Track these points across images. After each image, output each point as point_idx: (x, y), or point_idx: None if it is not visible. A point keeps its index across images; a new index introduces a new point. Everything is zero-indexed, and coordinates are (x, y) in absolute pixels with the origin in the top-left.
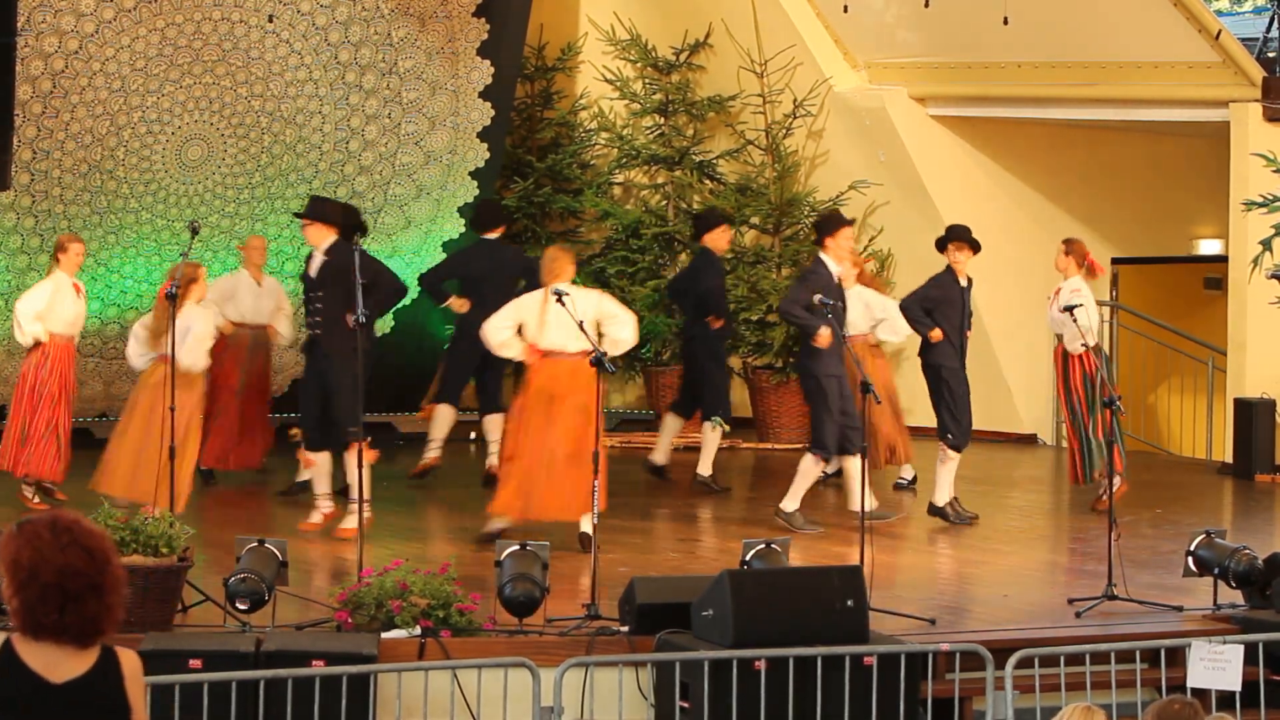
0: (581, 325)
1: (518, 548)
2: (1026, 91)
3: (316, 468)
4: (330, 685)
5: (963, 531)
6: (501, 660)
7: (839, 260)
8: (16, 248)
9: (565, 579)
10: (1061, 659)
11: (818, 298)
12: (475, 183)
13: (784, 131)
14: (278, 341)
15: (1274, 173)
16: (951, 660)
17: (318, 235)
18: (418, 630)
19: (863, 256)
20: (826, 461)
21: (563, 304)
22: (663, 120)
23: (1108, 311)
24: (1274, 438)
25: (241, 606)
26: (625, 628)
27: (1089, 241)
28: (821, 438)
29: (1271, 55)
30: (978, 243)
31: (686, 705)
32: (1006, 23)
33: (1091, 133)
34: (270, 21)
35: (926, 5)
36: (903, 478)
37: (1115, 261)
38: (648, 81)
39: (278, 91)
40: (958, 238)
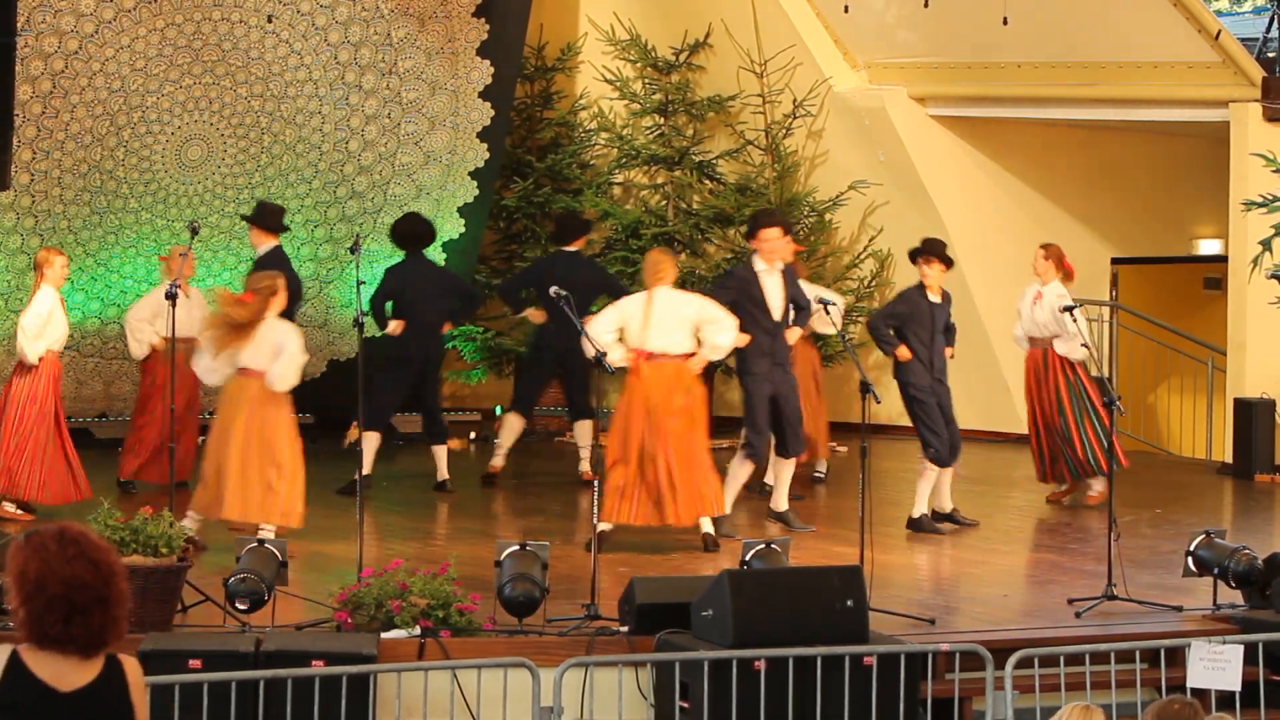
0: (583, 328)
1: (517, 548)
2: (1026, 91)
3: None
4: (330, 685)
5: (963, 531)
6: (501, 660)
7: (769, 260)
8: (16, 248)
9: (565, 579)
10: (1061, 659)
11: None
12: (475, 183)
13: (784, 131)
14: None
15: (1274, 173)
16: (951, 660)
17: (257, 239)
18: (417, 630)
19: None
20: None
21: (565, 305)
22: (662, 120)
23: (1107, 311)
24: (1274, 438)
25: (241, 606)
26: (625, 628)
27: (1089, 241)
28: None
29: (1271, 55)
30: (949, 258)
31: (686, 705)
32: (1006, 23)
33: (1091, 133)
34: (270, 22)
35: (926, 5)
36: (819, 472)
37: (1115, 261)
38: (647, 81)
39: (277, 92)
40: (927, 251)
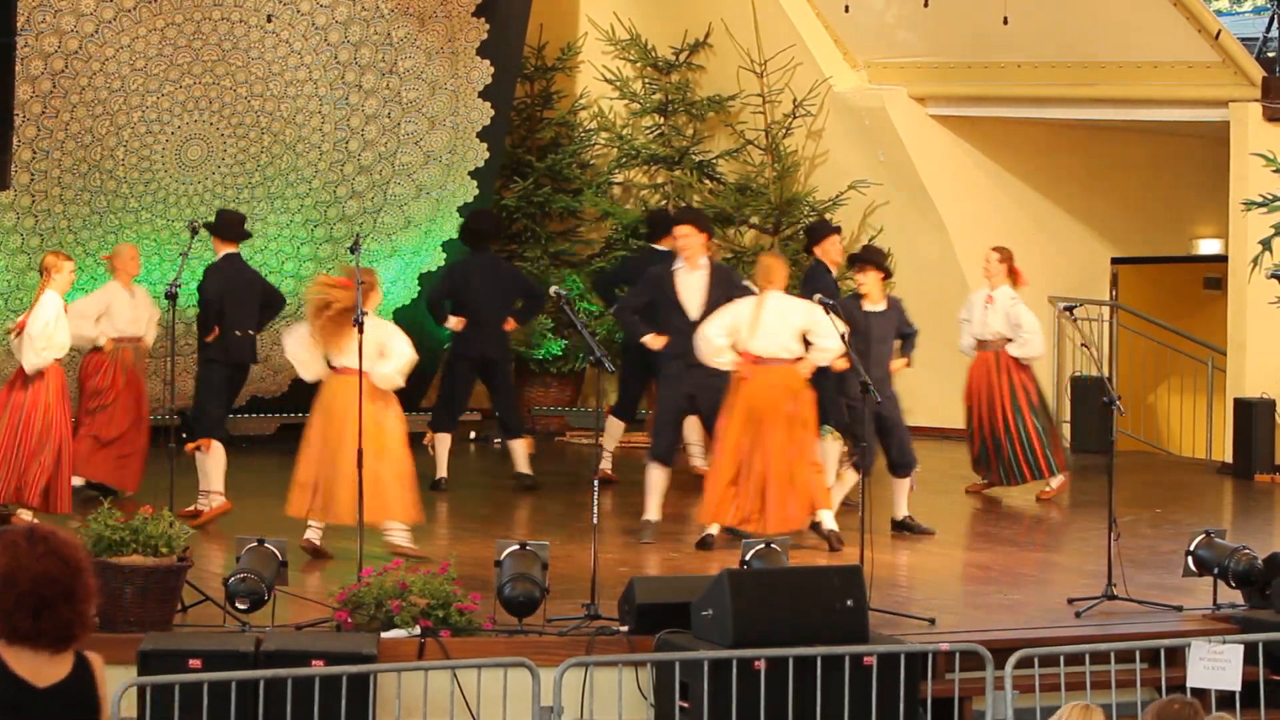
0: (584, 328)
1: (517, 547)
2: (1026, 91)
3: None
4: (330, 685)
5: (963, 532)
6: (501, 660)
7: (686, 257)
8: (16, 248)
9: (565, 579)
10: (1061, 659)
11: (817, 296)
12: (475, 182)
13: (784, 131)
14: (144, 350)
15: (1274, 172)
16: (951, 660)
17: (217, 246)
18: (417, 630)
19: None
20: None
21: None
22: (662, 120)
23: (1107, 311)
24: (1274, 438)
25: (241, 606)
26: (625, 628)
27: (1089, 241)
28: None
29: (1271, 55)
30: (887, 267)
31: (686, 705)
32: (1006, 23)
33: (1091, 133)
34: (269, 21)
35: (926, 5)
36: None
37: (1115, 261)
38: (647, 81)
39: (277, 91)
40: (862, 260)
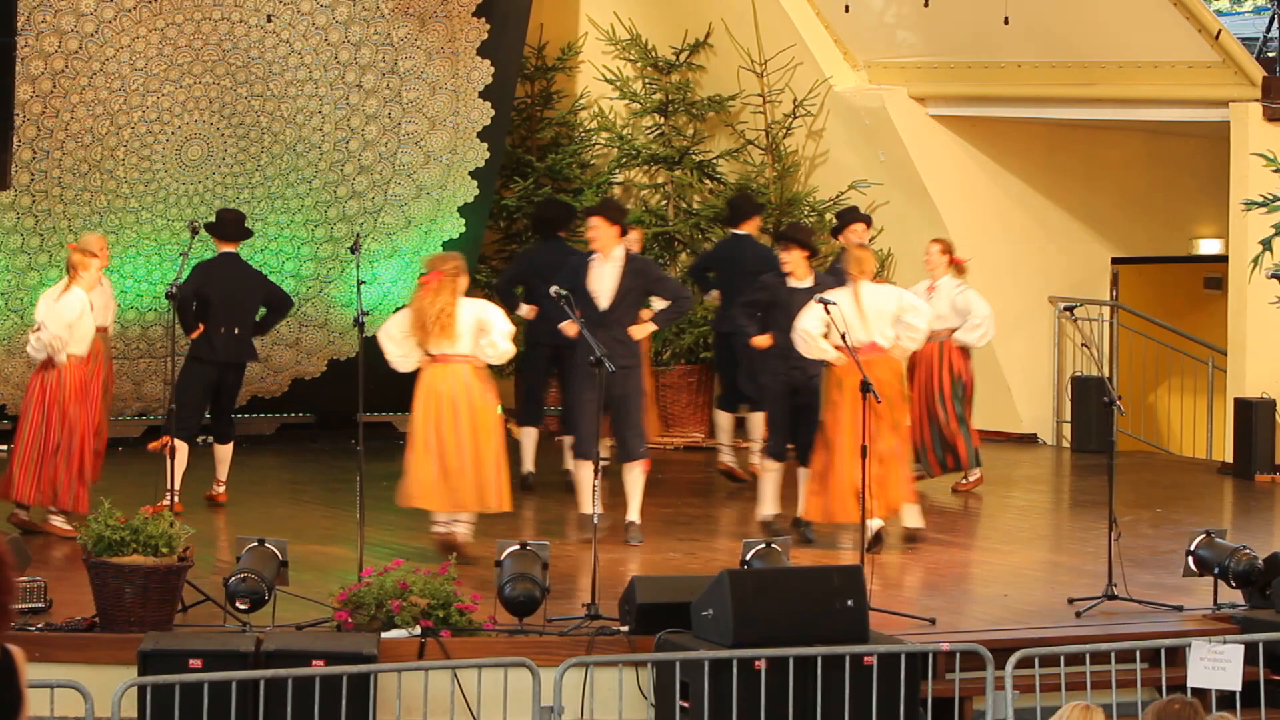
0: (584, 326)
1: (518, 547)
2: (1026, 91)
3: None
4: (330, 685)
5: (963, 531)
6: (501, 660)
7: (599, 248)
8: (16, 248)
9: (566, 579)
10: (1061, 659)
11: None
12: (475, 182)
13: (784, 131)
14: (108, 340)
15: (1274, 172)
16: (951, 660)
17: (218, 245)
18: (418, 630)
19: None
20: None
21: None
22: (663, 120)
23: (1108, 311)
24: (1274, 438)
25: (241, 606)
26: (625, 627)
27: (1089, 241)
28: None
29: (1271, 55)
30: (813, 245)
31: (687, 705)
32: (1007, 23)
33: (1091, 133)
34: (269, 21)
35: (926, 5)
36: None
37: (1115, 261)
38: (648, 81)
39: (278, 91)
40: (785, 237)
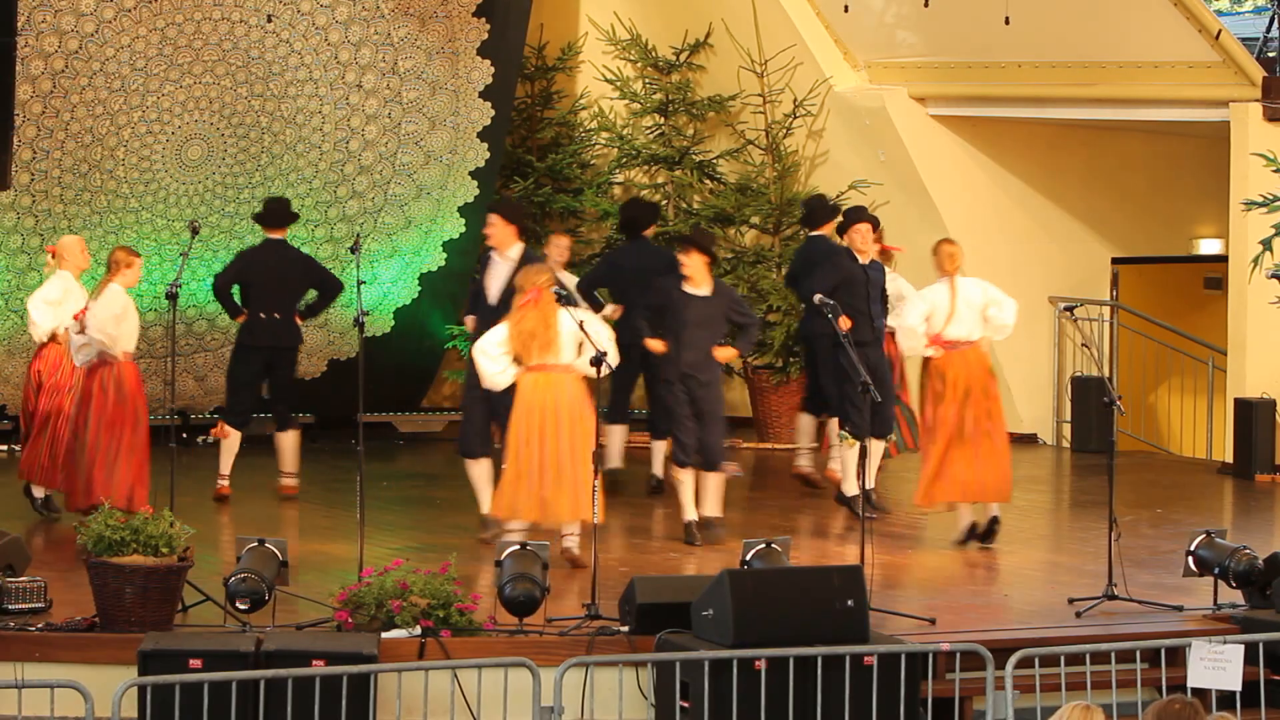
0: (584, 326)
1: (518, 547)
2: (1026, 91)
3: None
4: (330, 685)
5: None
6: (502, 660)
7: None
8: (16, 248)
9: (566, 579)
10: (1061, 659)
11: (818, 297)
12: (475, 183)
13: (784, 131)
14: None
15: (1274, 172)
16: (951, 660)
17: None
18: (418, 630)
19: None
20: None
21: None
22: (663, 120)
23: (1108, 311)
24: (1274, 438)
25: (242, 606)
26: (625, 627)
27: (1089, 242)
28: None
29: (1271, 55)
30: (712, 252)
31: (687, 705)
32: (1008, 23)
33: (1091, 133)
34: (269, 21)
35: (926, 5)
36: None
37: (1115, 261)
38: (648, 81)
39: (278, 91)
40: (686, 241)
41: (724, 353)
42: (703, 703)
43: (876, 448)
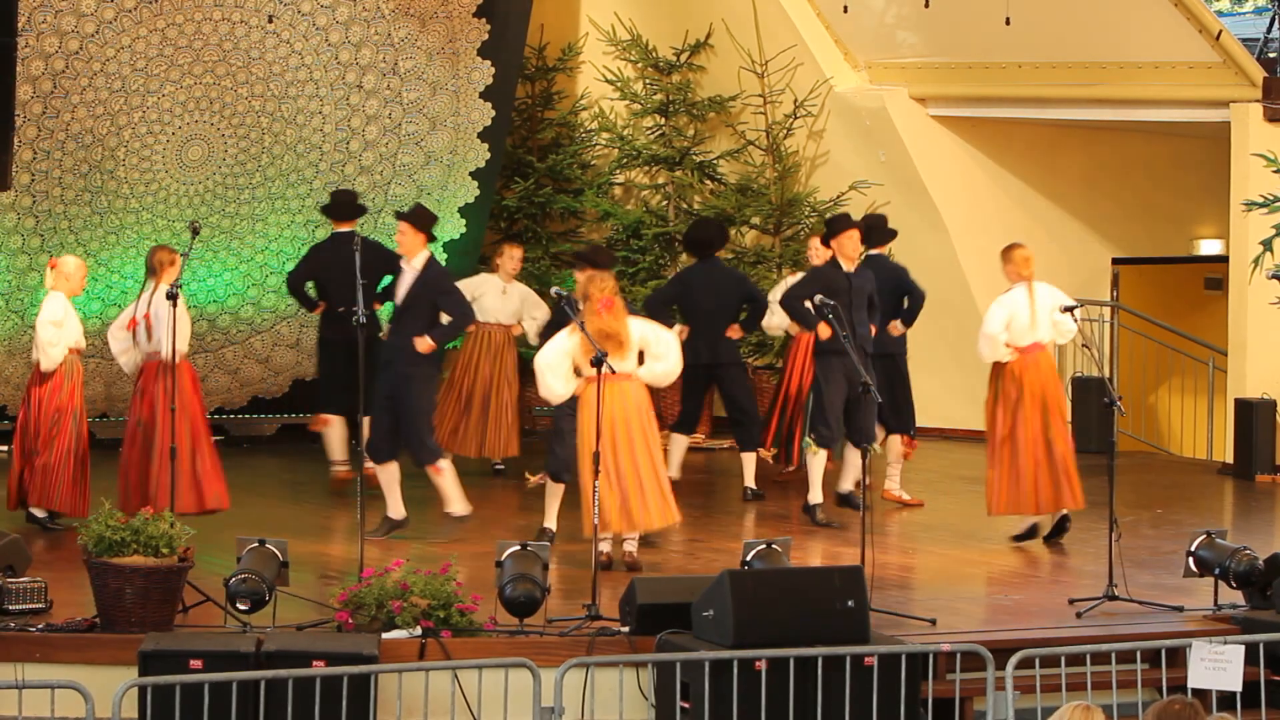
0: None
1: (518, 548)
2: (1026, 91)
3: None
4: (331, 686)
5: (963, 531)
6: (502, 660)
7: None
8: (17, 248)
9: (566, 579)
10: (1062, 659)
11: (818, 297)
12: (476, 183)
13: (784, 132)
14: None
15: (1274, 173)
16: (952, 660)
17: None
18: (418, 630)
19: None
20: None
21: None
22: (663, 120)
23: (1108, 311)
24: (1274, 438)
25: (242, 607)
26: (626, 628)
27: (1089, 242)
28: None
29: (1272, 55)
30: (594, 262)
31: (687, 705)
32: (1008, 23)
33: (1091, 133)
34: (270, 22)
35: (927, 5)
36: (497, 464)
37: (1116, 261)
38: (648, 82)
39: (278, 92)
40: (579, 256)
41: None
42: (703, 703)
43: (854, 455)
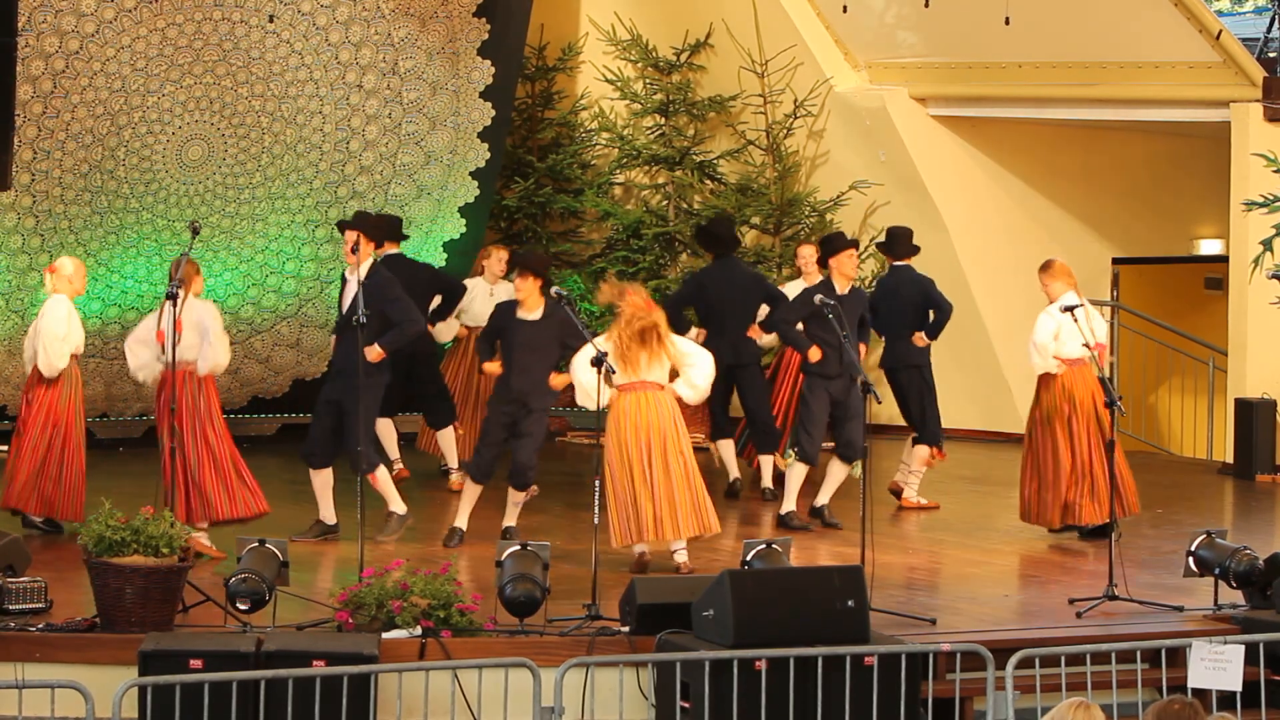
0: (585, 328)
1: (518, 548)
2: (1026, 91)
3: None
4: (331, 685)
5: (963, 531)
6: (502, 660)
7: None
8: (17, 248)
9: (566, 579)
10: (1062, 659)
11: (818, 297)
12: (476, 183)
13: (785, 132)
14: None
15: (1274, 173)
16: (952, 660)
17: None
18: (418, 630)
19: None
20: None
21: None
22: (663, 120)
23: (1108, 311)
24: (1274, 438)
25: (242, 606)
26: (626, 628)
27: (1089, 241)
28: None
29: (1272, 55)
30: (546, 276)
31: (687, 705)
32: (1008, 23)
33: (1091, 133)
34: (271, 21)
35: (927, 5)
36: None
37: (1116, 261)
38: (648, 82)
39: (278, 91)
40: (519, 262)
41: (556, 379)
42: (703, 703)
43: (838, 469)
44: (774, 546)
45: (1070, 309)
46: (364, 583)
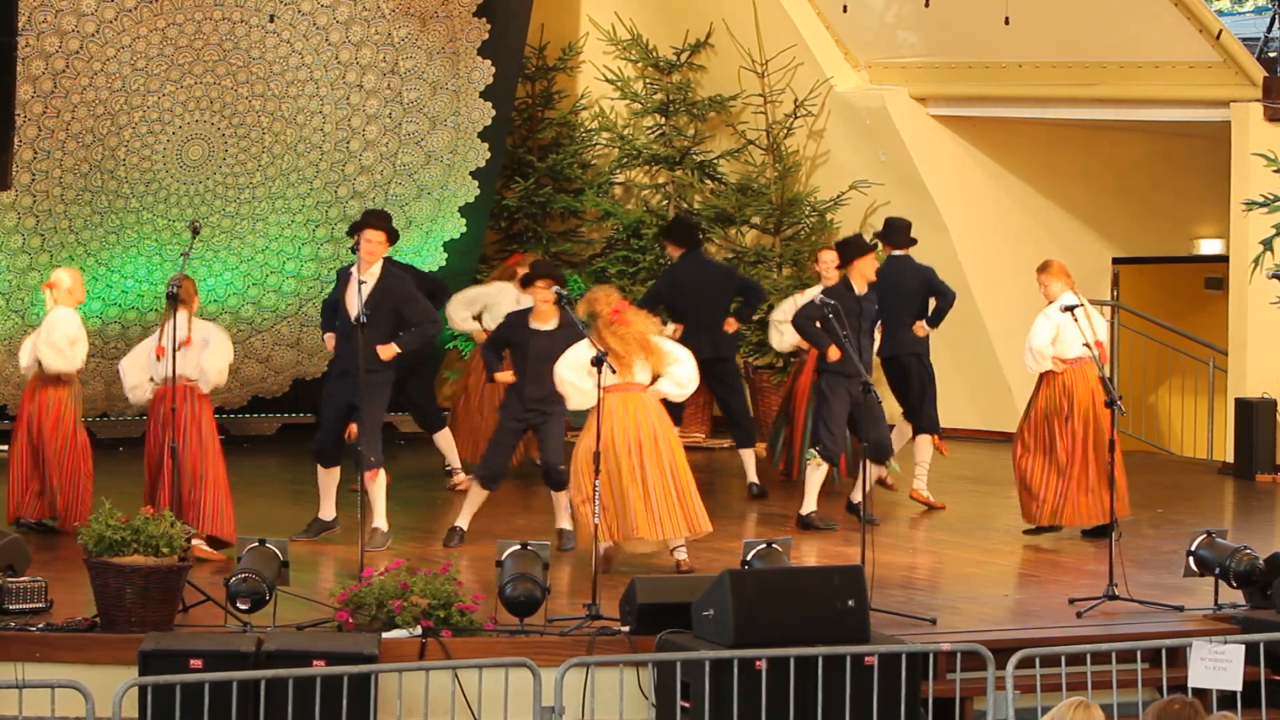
0: (585, 328)
1: (519, 547)
2: (1026, 91)
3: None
4: (331, 685)
5: (963, 531)
6: (502, 660)
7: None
8: (17, 248)
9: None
10: (1062, 659)
11: (819, 297)
12: (476, 182)
13: (785, 131)
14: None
15: (1274, 172)
16: (952, 660)
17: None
18: (419, 630)
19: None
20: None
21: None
22: (664, 120)
23: (1109, 311)
24: (1274, 438)
25: (242, 606)
26: (626, 627)
27: (1089, 241)
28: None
29: (1272, 55)
30: (564, 283)
31: (688, 705)
32: (1008, 23)
33: (1091, 133)
34: (271, 21)
35: (927, 5)
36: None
37: (1116, 261)
38: (648, 81)
39: (278, 91)
40: (531, 275)
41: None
42: (703, 703)
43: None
44: (774, 546)
45: (1070, 309)
46: (364, 582)
